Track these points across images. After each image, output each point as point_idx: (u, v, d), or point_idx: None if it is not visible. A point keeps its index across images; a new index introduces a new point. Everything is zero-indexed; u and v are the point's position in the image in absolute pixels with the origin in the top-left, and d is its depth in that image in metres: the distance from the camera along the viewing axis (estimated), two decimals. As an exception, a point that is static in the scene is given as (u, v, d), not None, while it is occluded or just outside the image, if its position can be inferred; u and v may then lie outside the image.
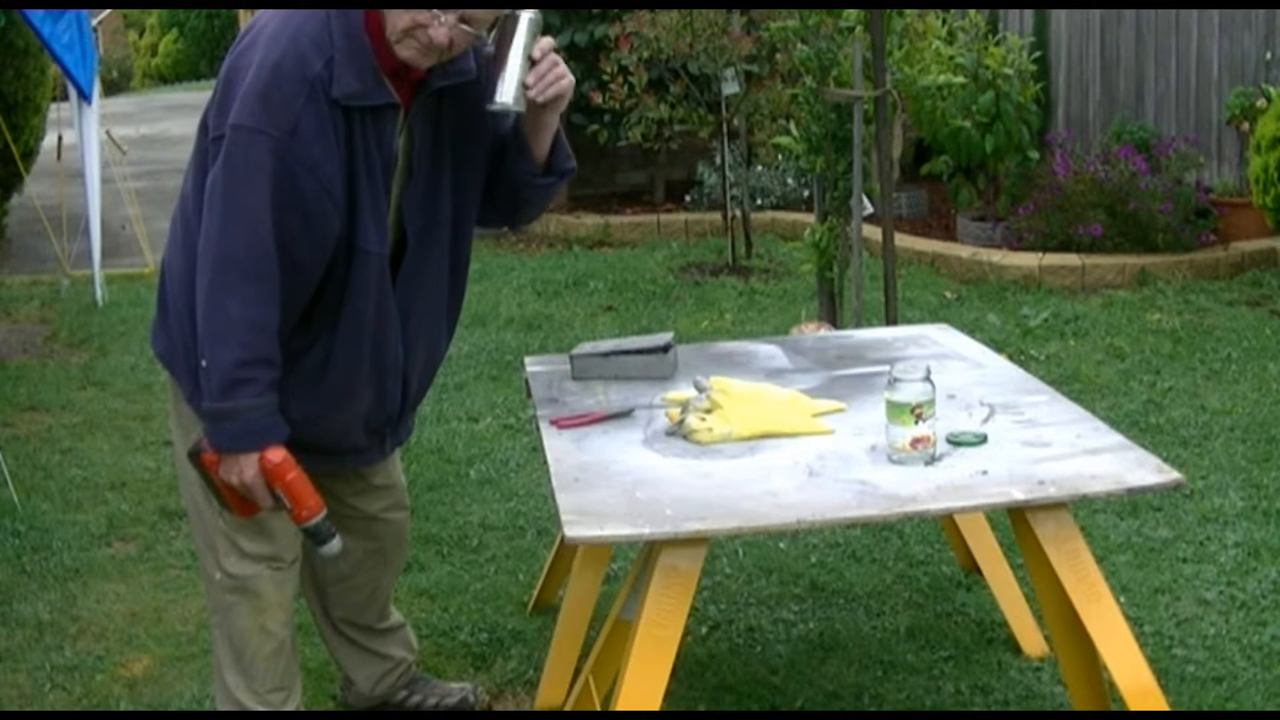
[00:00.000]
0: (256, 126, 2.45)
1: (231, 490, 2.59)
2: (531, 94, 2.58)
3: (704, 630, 3.59)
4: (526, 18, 2.56)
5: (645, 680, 2.54)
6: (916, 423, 2.68)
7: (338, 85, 2.49)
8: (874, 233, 5.99)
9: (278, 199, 2.47)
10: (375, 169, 2.58)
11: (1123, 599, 3.55)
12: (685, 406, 2.93)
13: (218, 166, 2.49)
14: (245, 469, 2.54)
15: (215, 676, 2.89)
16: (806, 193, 8.51)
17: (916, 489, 2.58)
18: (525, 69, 2.57)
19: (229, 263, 2.48)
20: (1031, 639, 3.41)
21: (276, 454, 2.55)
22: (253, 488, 2.56)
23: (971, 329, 5.45)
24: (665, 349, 3.30)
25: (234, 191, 2.47)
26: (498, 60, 2.56)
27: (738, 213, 7.96)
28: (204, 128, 2.58)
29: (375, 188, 2.59)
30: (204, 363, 2.51)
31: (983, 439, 2.80)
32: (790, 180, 8.88)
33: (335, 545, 2.65)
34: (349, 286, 2.60)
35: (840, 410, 3.00)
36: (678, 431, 2.89)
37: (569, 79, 2.63)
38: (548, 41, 2.60)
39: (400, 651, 3.22)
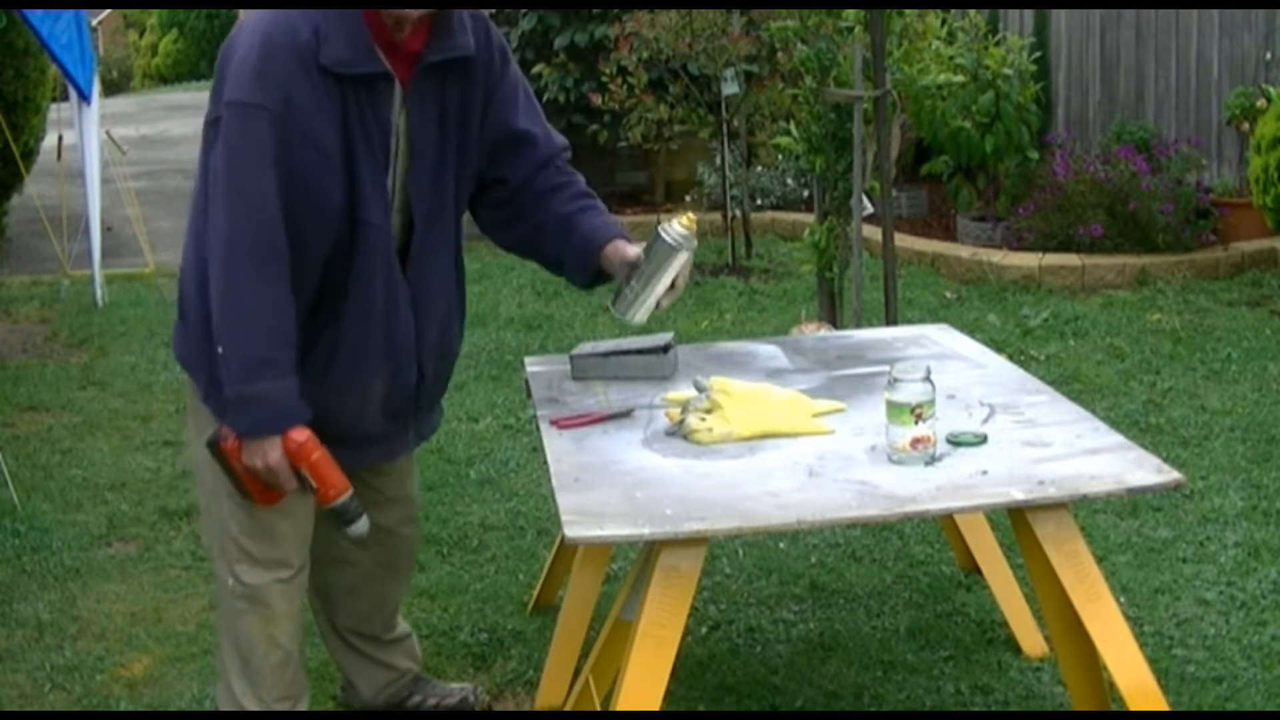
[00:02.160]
0: (252, 101, 2.45)
1: (254, 477, 2.57)
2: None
3: (704, 630, 3.59)
4: (686, 254, 2.80)
5: (645, 680, 2.53)
6: (916, 423, 2.68)
7: (326, 52, 2.48)
8: (874, 233, 5.98)
9: (280, 173, 2.46)
10: (373, 140, 2.56)
11: (1123, 599, 3.55)
12: (685, 406, 2.93)
13: (218, 148, 2.48)
14: (269, 452, 2.52)
15: (220, 682, 2.87)
16: (806, 193, 8.51)
17: (916, 489, 2.58)
18: (665, 291, 2.84)
19: (238, 244, 2.46)
20: (1031, 639, 3.41)
21: (300, 434, 2.53)
22: (278, 470, 2.53)
23: (971, 329, 5.46)
24: (665, 349, 3.30)
25: (236, 171, 2.46)
26: (642, 274, 2.83)
27: (738, 213, 7.96)
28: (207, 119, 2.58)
29: (374, 159, 2.57)
30: (220, 349, 2.48)
31: (983, 439, 2.80)
32: (790, 180, 8.88)
33: (363, 525, 2.64)
34: (355, 263, 2.59)
35: (840, 410, 3.00)
36: (678, 431, 2.88)
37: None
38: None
39: (405, 663, 3.21)
